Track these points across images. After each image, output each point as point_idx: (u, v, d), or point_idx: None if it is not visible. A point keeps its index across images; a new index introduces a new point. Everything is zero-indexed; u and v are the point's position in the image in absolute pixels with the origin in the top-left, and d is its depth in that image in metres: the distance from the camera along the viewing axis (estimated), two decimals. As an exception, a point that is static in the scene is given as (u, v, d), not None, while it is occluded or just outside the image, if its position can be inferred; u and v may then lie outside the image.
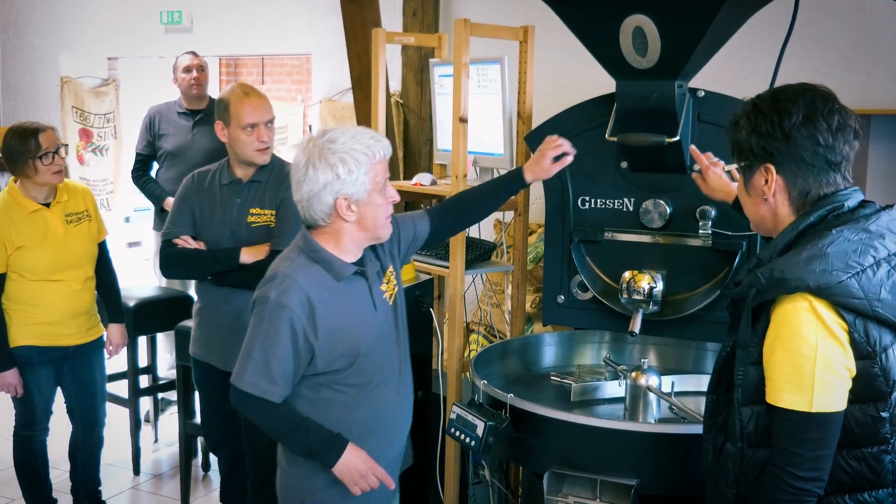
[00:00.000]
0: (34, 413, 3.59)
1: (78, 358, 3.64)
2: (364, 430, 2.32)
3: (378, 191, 2.25)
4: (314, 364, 2.24)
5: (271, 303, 2.19)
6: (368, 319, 2.31)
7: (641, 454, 2.36)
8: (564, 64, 4.28)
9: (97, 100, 6.66)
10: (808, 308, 1.65)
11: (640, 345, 3.11)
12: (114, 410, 4.60)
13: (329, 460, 2.24)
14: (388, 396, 2.38)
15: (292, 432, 2.25)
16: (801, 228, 1.75)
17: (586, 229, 2.89)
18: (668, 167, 2.73)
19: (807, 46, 3.98)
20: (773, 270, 1.68)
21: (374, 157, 2.22)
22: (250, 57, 7.97)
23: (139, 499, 4.24)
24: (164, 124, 4.87)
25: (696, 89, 2.67)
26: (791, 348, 1.66)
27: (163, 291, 4.64)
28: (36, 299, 3.47)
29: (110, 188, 6.81)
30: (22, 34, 6.99)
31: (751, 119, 1.78)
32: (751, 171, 1.82)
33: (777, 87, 1.82)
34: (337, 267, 2.26)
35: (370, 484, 2.27)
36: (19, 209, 3.44)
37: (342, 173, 2.17)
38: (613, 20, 2.53)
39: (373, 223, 2.26)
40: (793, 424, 1.67)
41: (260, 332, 2.21)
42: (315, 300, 2.20)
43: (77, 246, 3.54)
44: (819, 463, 1.67)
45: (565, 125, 2.89)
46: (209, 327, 3.21)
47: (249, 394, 2.22)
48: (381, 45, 3.46)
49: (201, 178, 3.22)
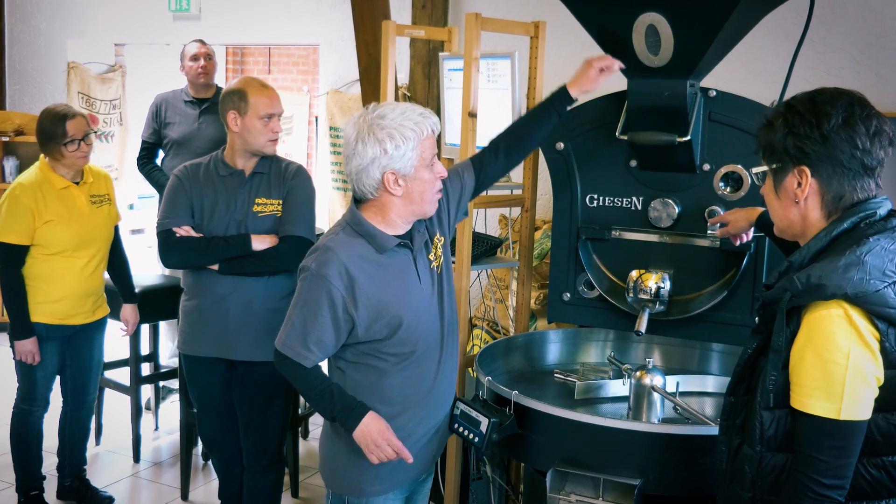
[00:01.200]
0: (35, 388, 3.70)
1: (81, 336, 3.77)
2: (401, 400, 2.38)
3: (425, 166, 2.30)
4: (355, 333, 2.31)
5: (311, 273, 2.28)
6: (413, 291, 2.36)
7: (645, 454, 2.35)
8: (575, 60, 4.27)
9: (103, 86, 6.64)
10: (842, 315, 1.64)
11: (645, 344, 3.11)
12: (115, 398, 4.61)
13: (349, 425, 2.32)
14: (428, 368, 2.42)
15: (319, 396, 2.34)
16: (834, 234, 1.73)
17: (594, 227, 2.88)
18: (678, 166, 2.72)
19: (817, 49, 3.97)
20: (809, 276, 1.67)
21: (422, 133, 2.27)
22: (257, 46, 7.95)
23: (139, 486, 4.24)
24: (170, 112, 4.86)
25: (707, 89, 2.66)
26: (823, 355, 1.64)
27: (165, 279, 4.64)
28: (51, 277, 3.60)
29: (115, 175, 6.79)
30: (29, 19, 6.97)
31: (787, 120, 1.75)
32: (783, 173, 1.79)
33: (812, 90, 1.78)
34: (380, 239, 2.31)
35: (386, 454, 2.32)
36: (50, 185, 3.60)
37: (390, 148, 2.23)
38: (627, 18, 2.52)
39: (420, 198, 2.31)
40: (819, 431, 1.66)
41: (301, 301, 2.30)
42: (355, 272, 2.26)
43: (99, 226, 3.72)
44: (843, 471, 1.66)
45: (575, 122, 2.88)
46: (213, 321, 3.17)
47: (286, 355, 2.32)
48: (391, 38, 3.45)
49: (195, 170, 3.22)
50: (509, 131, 2.68)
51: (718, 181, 2.69)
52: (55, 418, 3.89)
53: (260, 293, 3.14)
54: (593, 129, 2.85)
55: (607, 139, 2.79)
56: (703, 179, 2.71)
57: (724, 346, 3.00)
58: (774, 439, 1.74)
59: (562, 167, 2.92)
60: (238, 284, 3.12)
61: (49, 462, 3.96)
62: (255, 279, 3.10)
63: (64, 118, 3.57)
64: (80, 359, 3.80)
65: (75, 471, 3.94)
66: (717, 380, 2.91)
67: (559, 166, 2.93)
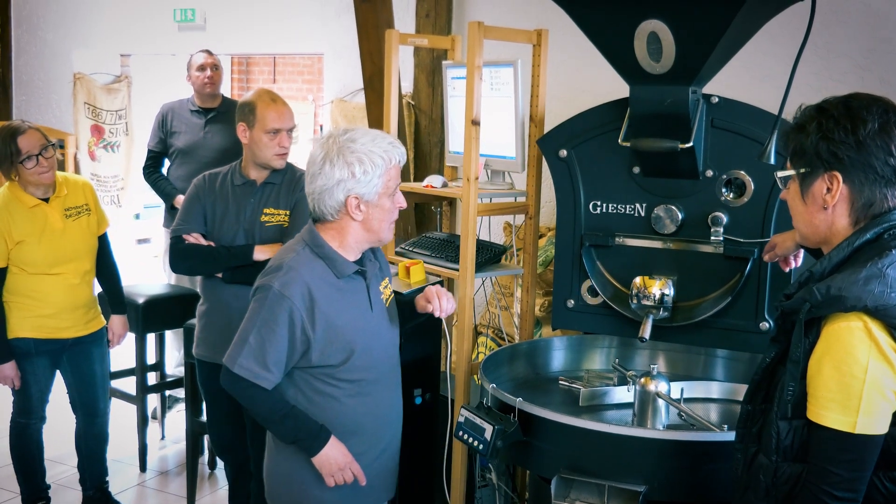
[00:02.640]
0: (30, 402, 3.67)
1: (77, 349, 3.71)
2: (355, 426, 2.39)
3: (388, 195, 2.33)
4: (308, 356, 2.30)
5: (273, 292, 2.26)
6: (365, 318, 2.38)
7: (650, 460, 2.35)
8: (577, 67, 4.28)
9: (109, 96, 6.67)
10: (862, 328, 1.62)
11: (650, 350, 3.11)
12: (121, 407, 4.62)
13: (312, 450, 2.32)
14: (382, 395, 2.45)
15: (280, 419, 2.32)
16: (856, 245, 1.70)
17: (597, 234, 2.89)
18: (681, 173, 2.72)
19: (820, 53, 3.97)
20: (829, 287, 1.64)
21: (390, 161, 2.30)
22: (262, 56, 7.98)
23: (145, 496, 4.24)
24: (176, 122, 4.88)
25: (709, 95, 2.67)
26: (841, 367, 1.62)
27: (172, 289, 4.65)
28: (35, 292, 3.53)
29: (121, 184, 6.83)
30: (35, 30, 7.01)
31: (821, 124, 1.72)
32: (811, 178, 1.75)
33: (845, 95, 1.76)
34: (339, 264, 2.33)
35: (345, 478, 2.34)
36: (19, 204, 3.50)
37: (358, 173, 2.25)
38: (628, 25, 2.52)
39: (378, 225, 2.34)
40: (833, 444, 1.64)
41: (259, 319, 2.27)
42: (316, 294, 2.27)
43: (76, 240, 3.60)
44: (856, 484, 1.64)
45: (578, 129, 2.89)
46: (217, 327, 3.21)
47: (241, 377, 2.29)
48: (395, 46, 3.47)
49: (212, 179, 3.27)
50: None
51: (721, 187, 2.69)
52: (71, 429, 3.89)
53: None
54: (596, 136, 2.85)
55: (610, 146, 2.80)
56: (706, 186, 2.71)
57: (728, 352, 3.00)
58: (790, 449, 1.72)
59: (565, 174, 2.93)
60: (241, 292, 3.13)
61: (71, 474, 3.98)
62: None
63: (14, 134, 3.40)
64: (82, 373, 3.74)
65: (96, 482, 3.92)
66: (722, 386, 2.91)
67: (562, 173, 2.93)
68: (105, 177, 6.76)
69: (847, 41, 3.98)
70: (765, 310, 2.66)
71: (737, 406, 2.80)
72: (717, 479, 2.33)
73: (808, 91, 3.77)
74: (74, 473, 3.99)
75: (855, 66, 3.95)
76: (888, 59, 3.90)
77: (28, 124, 3.52)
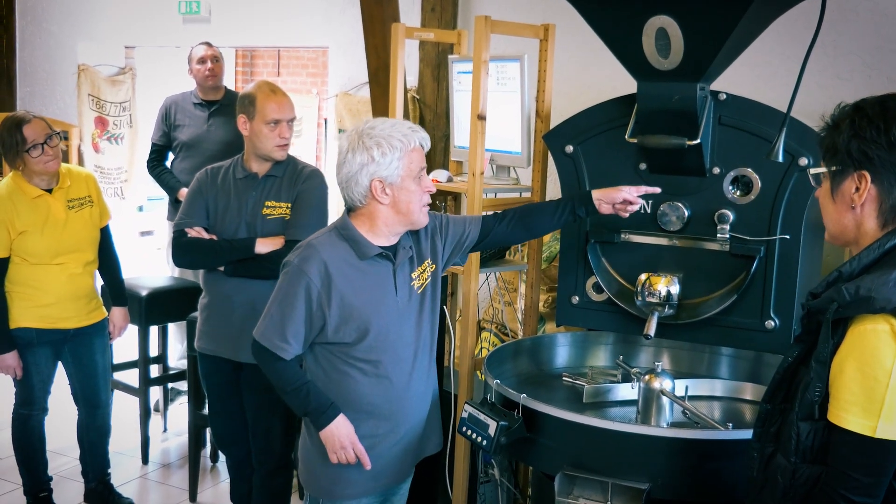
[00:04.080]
0: (32, 392, 3.68)
1: (79, 340, 3.71)
2: (370, 407, 2.45)
3: (412, 178, 2.39)
4: (325, 332, 2.39)
5: (293, 267, 2.38)
6: (387, 301, 2.43)
7: (654, 458, 2.34)
8: (584, 63, 4.27)
9: (113, 88, 6.66)
10: (888, 332, 1.60)
11: (654, 348, 3.10)
12: (124, 399, 4.63)
13: (319, 423, 2.40)
14: (399, 380, 2.47)
15: (294, 390, 2.41)
16: (887, 247, 1.68)
17: (603, 230, 2.88)
18: (688, 170, 2.71)
19: (827, 52, 3.96)
20: (859, 288, 1.63)
21: (409, 144, 2.37)
22: (267, 49, 7.96)
23: (147, 488, 4.25)
24: (179, 115, 4.87)
25: (717, 92, 2.65)
26: (865, 370, 1.61)
27: (175, 281, 4.65)
28: (37, 282, 3.54)
29: (125, 177, 6.82)
30: (40, 22, 6.99)
31: (854, 123, 1.70)
32: (841, 177, 1.74)
33: (883, 94, 1.74)
34: (363, 246, 2.40)
35: (348, 457, 2.41)
36: (22, 195, 3.52)
37: (377, 156, 2.33)
38: (636, 21, 2.51)
39: (406, 208, 2.40)
40: (853, 448, 1.62)
41: (280, 293, 2.40)
42: (333, 271, 2.36)
43: (78, 231, 3.62)
44: (875, 489, 1.62)
45: (585, 125, 2.88)
46: (219, 320, 3.21)
47: (264, 346, 2.39)
48: (401, 40, 3.45)
49: (215, 173, 3.27)
50: (524, 209, 2.72)
51: (728, 185, 2.68)
52: (73, 421, 3.89)
53: (263, 295, 3.14)
54: (603, 132, 2.84)
55: (616, 142, 2.79)
56: (712, 183, 2.70)
57: (733, 350, 2.99)
58: (811, 451, 1.70)
59: (571, 170, 2.92)
60: (242, 285, 3.14)
61: (74, 466, 4.00)
62: (260, 281, 3.10)
63: (20, 124, 3.44)
64: (83, 365, 3.75)
65: (98, 474, 3.92)
66: (727, 384, 2.90)
67: (568, 169, 2.92)
68: (109, 169, 6.75)
69: (854, 40, 3.96)
70: (770, 308, 2.65)
71: (741, 404, 2.81)
72: (721, 478, 2.33)
73: (816, 90, 3.76)
74: (77, 465, 4.00)
75: (863, 64, 3.94)
76: (895, 58, 3.89)
77: (32, 114, 3.55)
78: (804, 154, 2.54)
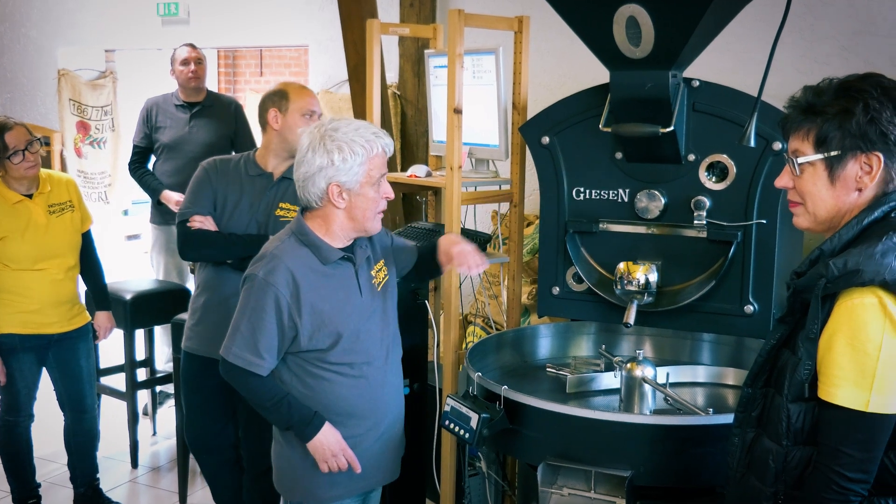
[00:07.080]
0: (18, 399, 3.66)
1: (62, 345, 3.70)
2: (350, 409, 2.42)
3: (371, 184, 2.34)
4: (298, 341, 2.34)
5: (259, 280, 2.32)
6: (354, 302, 2.41)
7: (636, 445, 2.35)
8: (563, 54, 4.27)
9: (94, 92, 6.64)
10: (876, 304, 1.60)
11: (636, 336, 3.11)
12: (111, 404, 4.62)
13: (306, 435, 2.36)
14: (374, 379, 2.46)
15: (274, 405, 2.36)
16: (865, 224, 1.69)
17: (581, 220, 2.88)
18: (663, 157, 2.71)
19: (805, 36, 3.97)
20: (847, 261, 1.63)
21: (372, 150, 2.32)
22: (248, 49, 7.95)
23: (137, 492, 4.24)
24: (161, 117, 4.86)
25: (690, 79, 2.66)
26: (854, 344, 1.61)
27: (160, 284, 4.64)
28: (19, 288, 3.54)
29: (108, 181, 6.80)
30: (19, 27, 6.97)
31: (868, 106, 1.69)
32: (842, 161, 1.72)
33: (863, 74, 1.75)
34: (324, 251, 2.37)
35: (339, 464, 2.38)
36: (2, 200, 3.52)
37: (337, 160, 2.29)
38: (607, 10, 2.51)
39: (361, 214, 2.36)
40: (845, 423, 1.62)
41: (248, 308, 2.33)
42: (300, 280, 2.31)
43: (59, 236, 3.61)
44: (868, 465, 1.62)
45: (560, 116, 2.88)
46: (214, 321, 3.14)
47: (237, 366, 2.33)
48: (376, 36, 3.45)
49: (224, 164, 3.21)
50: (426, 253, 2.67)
51: (704, 171, 2.68)
52: (60, 427, 3.88)
53: None
54: (578, 123, 2.84)
55: (592, 132, 2.79)
56: (688, 170, 2.70)
57: (714, 336, 3.00)
58: (801, 433, 1.70)
59: (548, 161, 2.92)
60: None
61: (63, 472, 3.99)
62: None
63: (1, 131, 3.45)
64: (68, 370, 3.74)
65: (87, 480, 3.91)
66: (708, 370, 2.91)
67: (545, 160, 2.92)
68: (92, 173, 6.73)
69: (832, 24, 3.97)
70: (749, 293, 2.66)
71: (723, 389, 2.82)
72: (704, 463, 2.34)
73: (794, 74, 3.76)
74: (65, 471, 3.99)
75: (840, 48, 3.95)
76: (872, 41, 3.90)
77: (13, 121, 3.54)
78: (778, 138, 2.54)
